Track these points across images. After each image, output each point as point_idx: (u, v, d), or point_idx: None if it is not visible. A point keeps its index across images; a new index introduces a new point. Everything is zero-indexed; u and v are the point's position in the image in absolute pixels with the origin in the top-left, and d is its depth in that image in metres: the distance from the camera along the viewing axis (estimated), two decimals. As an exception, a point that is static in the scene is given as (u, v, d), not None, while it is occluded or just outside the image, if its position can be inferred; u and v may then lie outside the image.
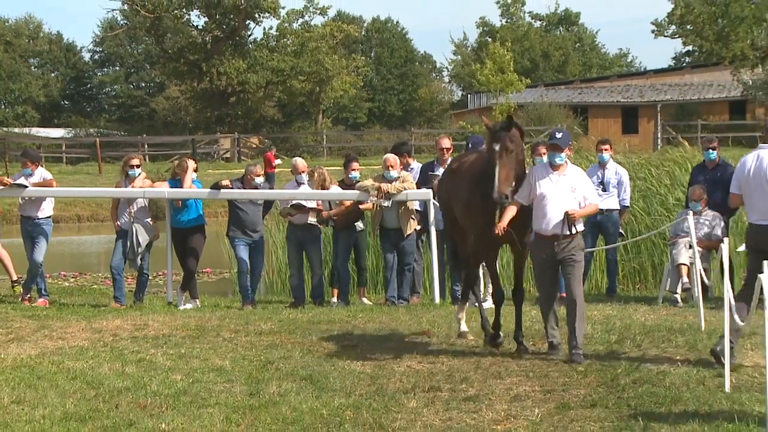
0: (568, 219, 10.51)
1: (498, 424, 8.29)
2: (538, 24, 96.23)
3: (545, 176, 10.70)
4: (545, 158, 12.32)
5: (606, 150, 15.75)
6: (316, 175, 15.99)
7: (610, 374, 9.83)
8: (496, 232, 10.57)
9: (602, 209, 15.36)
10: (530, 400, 9.03)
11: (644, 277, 18.34)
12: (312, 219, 15.74)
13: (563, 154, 10.71)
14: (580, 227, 10.80)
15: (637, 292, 17.47)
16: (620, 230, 15.85)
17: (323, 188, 15.78)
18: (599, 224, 15.46)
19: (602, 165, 15.62)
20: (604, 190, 15.38)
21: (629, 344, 11.27)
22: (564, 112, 56.93)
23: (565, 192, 10.59)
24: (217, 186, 15.75)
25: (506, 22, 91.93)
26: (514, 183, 10.67)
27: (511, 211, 10.61)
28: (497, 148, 10.61)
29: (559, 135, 10.72)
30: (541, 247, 10.69)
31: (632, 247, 18.10)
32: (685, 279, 14.59)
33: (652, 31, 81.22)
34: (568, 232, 10.54)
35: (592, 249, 15.69)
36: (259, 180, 15.71)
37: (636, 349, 11.00)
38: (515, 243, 11.02)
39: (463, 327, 12.02)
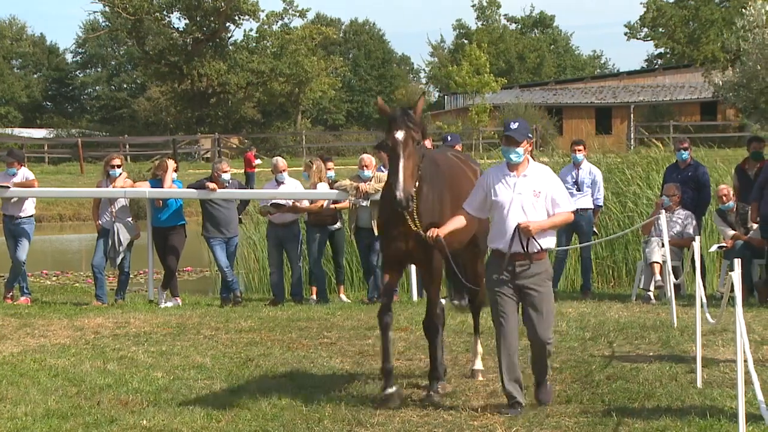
0: (520, 233, 8.33)
1: (474, 420, 8.31)
2: (513, 26, 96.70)
3: (500, 179, 8.49)
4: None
5: (580, 150, 15.95)
6: (314, 166, 16.18)
7: (584, 370, 9.93)
8: (428, 237, 8.58)
9: (576, 208, 15.57)
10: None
11: (618, 274, 18.48)
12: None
13: (520, 149, 8.41)
14: (546, 243, 8.52)
15: (611, 289, 17.61)
16: (594, 229, 16.04)
17: (321, 179, 15.95)
18: (574, 223, 15.61)
19: (576, 165, 15.83)
20: (579, 189, 15.62)
21: (603, 341, 11.42)
22: (539, 113, 57.45)
23: (526, 197, 8.39)
24: (200, 185, 15.91)
25: (482, 24, 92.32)
26: (417, 184, 8.62)
27: (457, 221, 8.67)
28: (400, 136, 8.56)
29: (513, 125, 8.50)
30: (496, 269, 8.51)
31: (606, 246, 18.28)
32: (658, 277, 14.74)
33: (625, 34, 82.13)
34: (523, 251, 8.35)
35: (567, 247, 15.89)
36: (226, 176, 15.82)
37: (610, 346, 11.14)
38: (421, 261, 9.07)
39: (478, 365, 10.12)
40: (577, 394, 9.04)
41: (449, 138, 15.25)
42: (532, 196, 8.37)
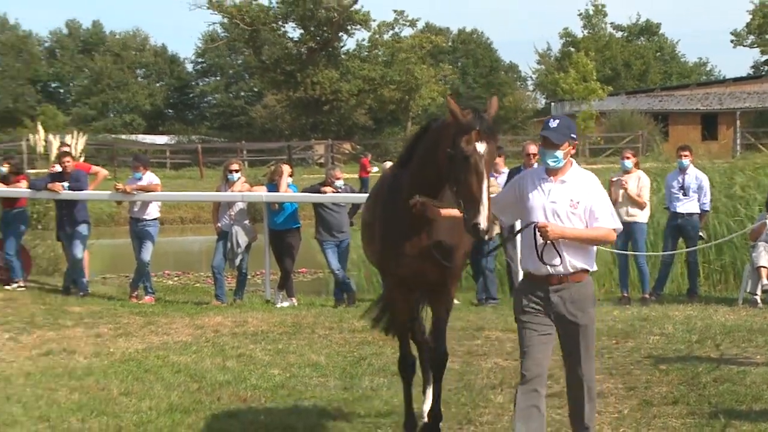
0: (537, 235, 6.65)
1: (582, 419, 8.45)
2: (619, 34, 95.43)
3: (535, 184, 6.83)
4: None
5: (686, 156, 15.91)
6: None
7: (691, 372, 9.94)
8: (412, 204, 7.15)
9: (682, 213, 15.62)
10: (614, 397, 9.13)
11: (725, 278, 18.28)
12: None
13: (560, 153, 6.72)
14: (577, 260, 6.73)
15: (718, 293, 17.37)
16: (700, 233, 15.99)
17: None
18: (680, 227, 15.70)
19: (682, 170, 15.82)
20: (685, 194, 15.62)
21: (710, 344, 11.41)
22: (645, 119, 56.75)
23: (560, 206, 6.70)
24: (314, 189, 16.24)
25: (588, 32, 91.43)
26: None
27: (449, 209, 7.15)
28: (483, 149, 6.71)
29: (552, 124, 6.81)
30: (527, 294, 6.81)
31: (714, 249, 18.11)
32: (765, 281, 14.61)
33: (731, 41, 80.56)
34: (538, 257, 6.65)
35: (673, 252, 15.88)
36: (339, 182, 16.09)
37: (716, 349, 11.13)
38: (435, 282, 7.56)
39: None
40: (684, 395, 9.08)
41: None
42: (569, 205, 6.71)
